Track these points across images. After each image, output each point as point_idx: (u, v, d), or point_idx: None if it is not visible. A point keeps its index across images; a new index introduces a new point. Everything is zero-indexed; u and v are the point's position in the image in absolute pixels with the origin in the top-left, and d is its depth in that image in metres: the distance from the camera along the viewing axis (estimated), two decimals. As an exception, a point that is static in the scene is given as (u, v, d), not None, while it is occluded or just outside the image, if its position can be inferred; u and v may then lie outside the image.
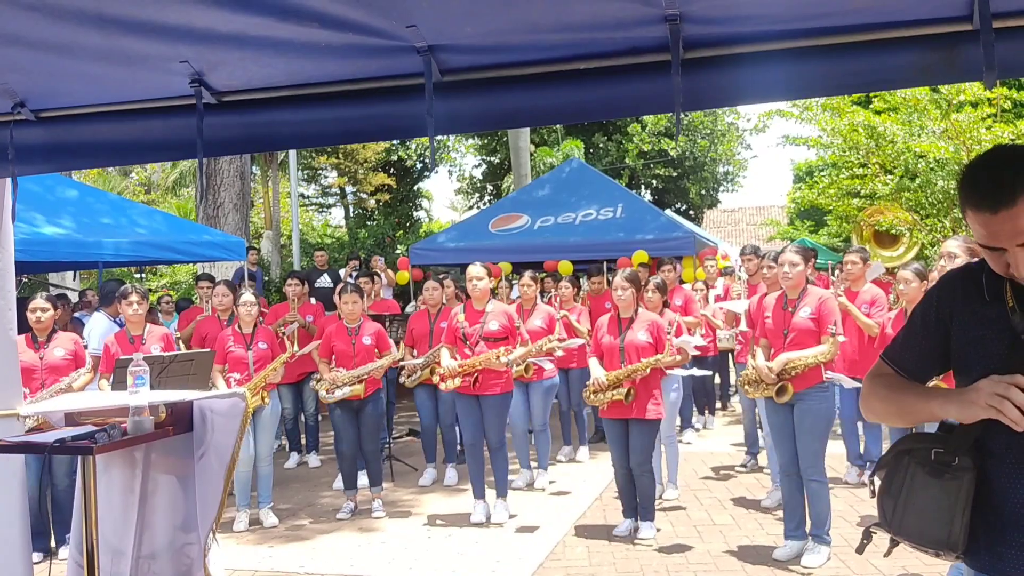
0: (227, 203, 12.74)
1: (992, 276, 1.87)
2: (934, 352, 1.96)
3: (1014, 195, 1.69)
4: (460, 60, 2.61)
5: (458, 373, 6.07)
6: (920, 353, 1.98)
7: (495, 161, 26.34)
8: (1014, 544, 1.78)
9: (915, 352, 1.99)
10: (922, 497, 1.84)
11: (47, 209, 7.99)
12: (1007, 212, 1.70)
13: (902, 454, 1.90)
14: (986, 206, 1.72)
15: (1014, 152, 1.79)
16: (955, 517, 1.81)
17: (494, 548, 5.67)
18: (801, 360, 5.00)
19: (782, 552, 5.22)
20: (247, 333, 6.41)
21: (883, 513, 1.91)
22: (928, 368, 1.99)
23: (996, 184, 1.72)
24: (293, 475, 8.12)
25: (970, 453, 1.81)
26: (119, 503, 3.38)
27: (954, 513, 1.81)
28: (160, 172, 26.93)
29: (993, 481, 1.80)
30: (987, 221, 1.73)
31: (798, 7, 2.31)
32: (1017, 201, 1.69)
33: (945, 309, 1.94)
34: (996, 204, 1.71)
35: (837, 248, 22.02)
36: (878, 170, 10.87)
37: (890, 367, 2.01)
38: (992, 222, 1.72)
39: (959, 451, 1.82)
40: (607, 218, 11.42)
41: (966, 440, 1.82)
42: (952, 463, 1.82)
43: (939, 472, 1.82)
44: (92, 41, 2.48)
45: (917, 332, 1.99)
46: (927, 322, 1.97)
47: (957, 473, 1.81)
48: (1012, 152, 1.79)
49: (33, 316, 5.72)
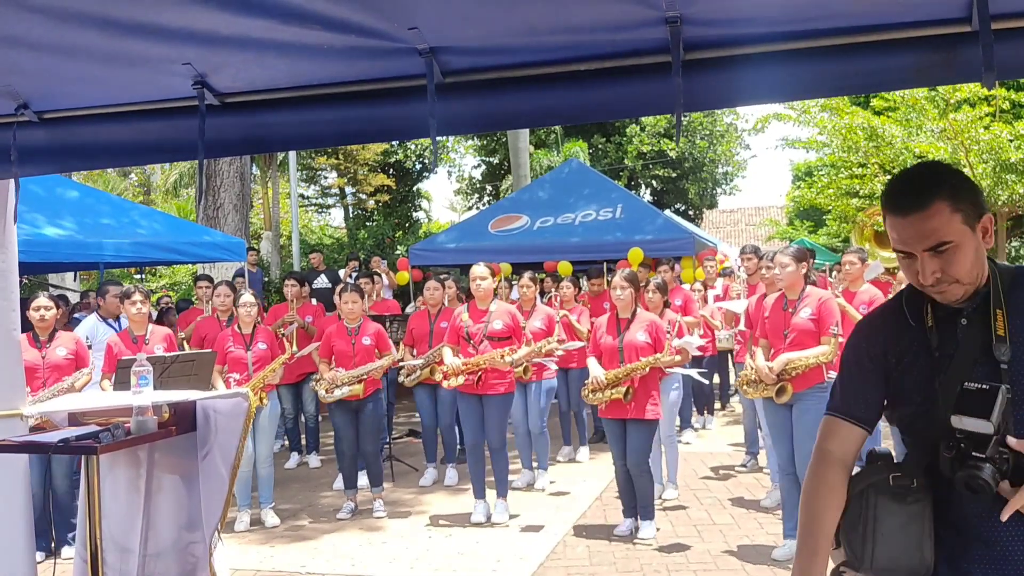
0: (227, 204, 12.74)
1: (913, 300, 1.90)
2: (878, 392, 1.93)
3: (925, 201, 1.74)
4: (461, 62, 2.63)
5: (461, 371, 6.08)
6: (864, 398, 1.95)
7: (494, 162, 26.38)
8: (979, 559, 1.79)
9: (860, 398, 1.95)
10: (889, 524, 1.82)
11: (48, 210, 8.00)
12: (916, 215, 1.74)
13: (863, 491, 1.86)
14: (899, 210, 1.78)
15: (934, 167, 1.85)
16: (924, 540, 1.81)
17: (495, 548, 5.69)
18: (802, 361, 5.01)
19: (781, 552, 5.24)
20: (246, 334, 6.42)
21: (851, 551, 1.86)
22: (876, 411, 1.95)
23: (910, 190, 1.77)
24: (293, 475, 8.13)
25: (925, 476, 1.82)
26: (124, 502, 3.40)
27: (923, 536, 1.81)
28: (159, 173, 26.95)
29: (950, 501, 1.80)
30: (899, 225, 1.78)
31: (797, 9, 2.32)
32: (927, 206, 1.74)
33: (877, 348, 1.93)
34: (907, 208, 1.76)
35: (836, 248, 22.05)
36: (877, 170, 10.89)
37: (843, 421, 1.94)
38: (903, 226, 1.77)
39: (915, 474, 1.83)
40: (606, 219, 11.44)
41: (919, 465, 1.84)
42: (911, 486, 1.82)
43: (901, 496, 1.82)
44: (95, 43, 2.50)
45: (856, 377, 1.96)
46: (863, 366, 1.95)
47: (918, 495, 1.81)
48: (932, 166, 1.85)
49: (37, 315, 5.73)
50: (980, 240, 1.79)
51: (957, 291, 1.80)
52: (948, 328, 1.84)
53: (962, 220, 1.75)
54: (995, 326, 1.78)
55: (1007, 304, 1.80)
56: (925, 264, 1.77)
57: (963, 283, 1.79)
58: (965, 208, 1.76)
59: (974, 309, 1.82)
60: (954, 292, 1.80)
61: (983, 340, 1.79)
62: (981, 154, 10.70)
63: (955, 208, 1.74)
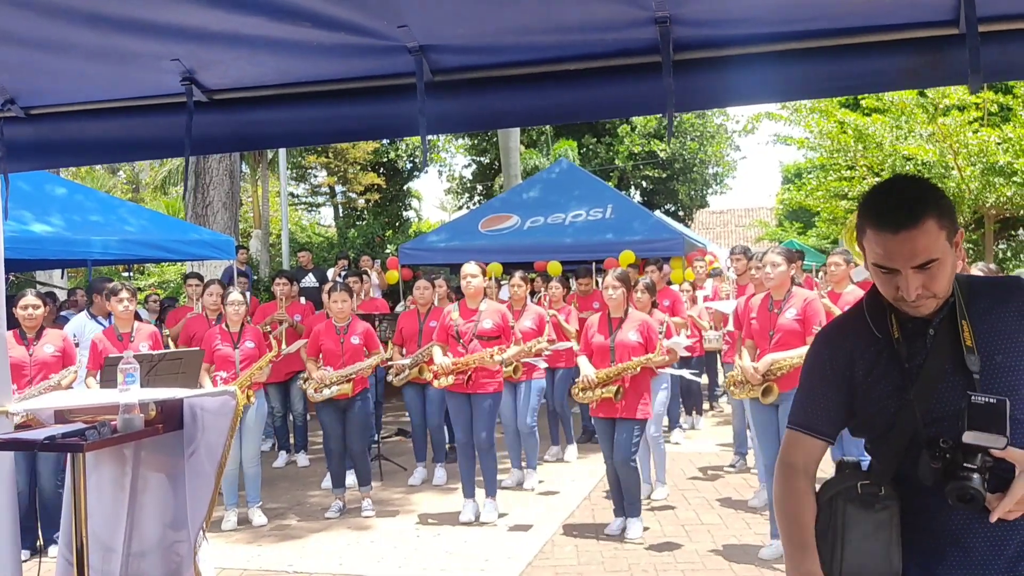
0: (216, 202, 12.70)
1: (876, 312, 1.90)
2: (841, 405, 1.93)
3: (915, 217, 1.73)
4: (451, 60, 2.63)
5: (451, 371, 6.08)
6: (828, 411, 1.95)
7: (485, 161, 26.37)
8: (954, 563, 1.80)
9: (823, 412, 1.95)
10: (856, 532, 1.83)
11: (36, 207, 7.95)
12: (907, 233, 1.73)
13: (832, 498, 1.88)
14: (888, 226, 1.75)
15: (917, 181, 1.84)
16: (891, 547, 1.82)
17: (483, 547, 5.69)
18: (787, 361, 5.03)
19: (768, 551, 5.26)
20: (234, 332, 6.40)
21: (821, 559, 1.87)
22: (840, 423, 1.95)
23: (901, 206, 1.75)
24: (281, 474, 8.11)
25: (892, 484, 1.83)
26: (109, 500, 3.38)
27: (890, 543, 1.82)
28: (148, 171, 26.83)
29: (925, 506, 1.81)
30: (887, 241, 1.76)
31: (786, 10, 2.33)
32: (918, 224, 1.73)
33: (840, 359, 1.92)
34: (898, 225, 1.74)
35: (825, 250, 22.11)
36: (866, 172, 10.94)
37: (806, 436, 1.96)
38: (892, 242, 1.75)
39: (883, 482, 1.84)
40: (597, 219, 11.45)
41: (887, 473, 1.84)
42: (879, 493, 1.83)
43: (869, 503, 1.83)
44: (83, 39, 2.49)
45: (818, 390, 1.96)
46: (826, 377, 1.94)
47: (886, 503, 1.82)
48: (915, 180, 1.84)
49: (25, 312, 5.70)
50: (955, 254, 1.81)
51: (932, 305, 1.81)
52: (916, 340, 1.84)
53: (946, 237, 1.76)
54: (963, 337, 1.79)
55: (970, 315, 1.81)
56: (910, 280, 1.76)
57: (939, 297, 1.80)
58: (948, 225, 1.76)
59: (940, 320, 1.83)
60: (929, 306, 1.81)
61: (952, 351, 1.80)
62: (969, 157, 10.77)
63: (941, 225, 1.75)
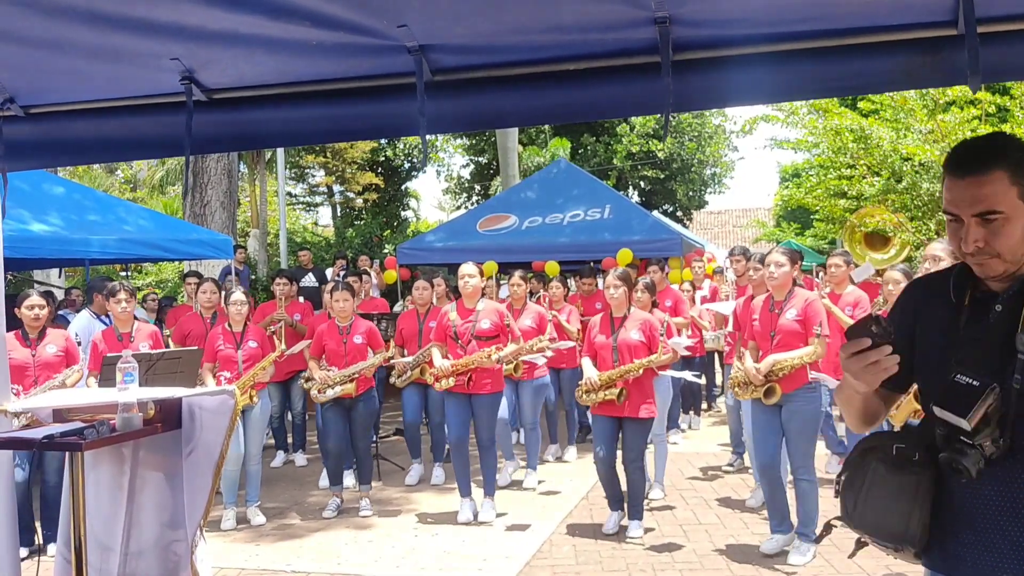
0: (214, 201, 12.70)
1: (961, 277, 1.88)
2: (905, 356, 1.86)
3: (985, 165, 1.72)
4: (451, 60, 2.63)
5: (451, 373, 6.08)
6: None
7: (483, 161, 26.35)
8: (969, 544, 1.80)
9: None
10: (881, 491, 1.84)
11: (34, 206, 7.95)
12: (972, 178, 1.73)
13: (866, 452, 1.90)
14: (957, 170, 1.76)
15: (1003, 138, 1.81)
16: (913, 512, 1.81)
17: (481, 546, 5.69)
18: (788, 361, 5.03)
19: (768, 545, 5.28)
20: (237, 332, 6.40)
21: (844, 507, 1.91)
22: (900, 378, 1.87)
23: (973, 153, 1.76)
24: (280, 474, 8.10)
25: (931, 451, 1.81)
26: (107, 499, 3.38)
27: (912, 508, 1.81)
28: (146, 170, 26.80)
29: (953, 483, 1.80)
30: (954, 186, 1.76)
31: (786, 11, 2.34)
32: (986, 172, 1.72)
33: (909, 314, 1.95)
34: (966, 170, 1.74)
35: (823, 250, 22.13)
36: (865, 171, 10.93)
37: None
38: (957, 187, 1.75)
39: (920, 448, 1.83)
40: (595, 219, 11.45)
41: (924, 439, 1.83)
42: (913, 458, 1.83)
43: (900, 467, 1.83)
44: (83, 38, 2.49)
45: None
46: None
47: (917, 469, 1.82)
48: (1001, 137, 1.82)
49: (31, 313, 5.70)
50: None
51: (997, 266, 1.77)
52: (980, 311, 1.82)
53: (1018, 195, 1.72)
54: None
55: None
56: (970, 231, 1.74)
57: (1004, 259, 1.75)
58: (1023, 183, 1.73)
59: (1010, 296, 1.79)
60: (993, 267, 1.77)
61: (1009, 328, 1.75)
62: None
63: (1014, 180, 1.72)
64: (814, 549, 5.13)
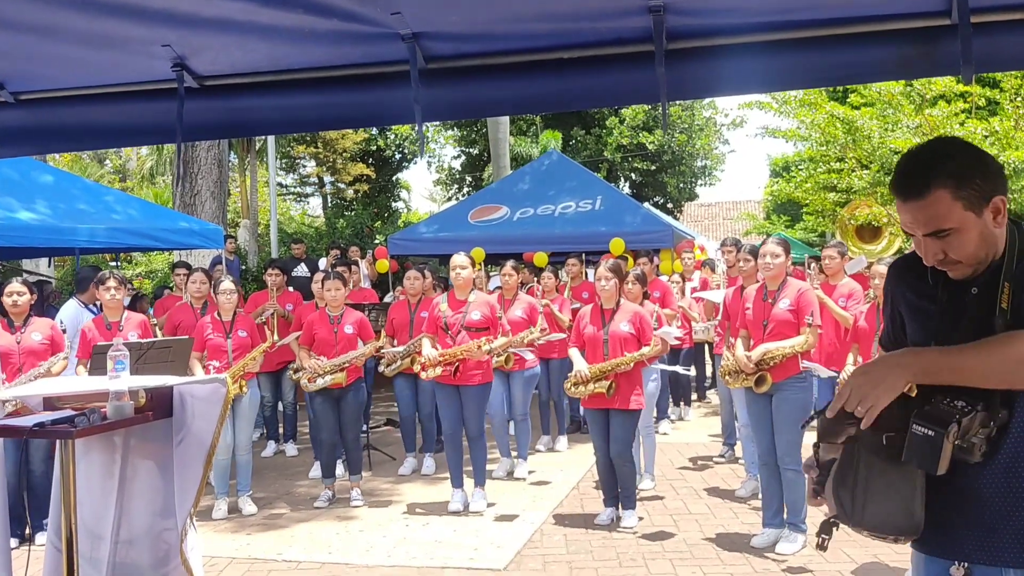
0: (204, 191, 12.64)
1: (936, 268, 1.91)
2: (900, 337, 2.04)
3: (924, 187, 1.75)
4: (444, 48, 2.62)
5: (439, 362, 6.07)
6: (893, 340, 2.08)
7: (474, 152, 26.31)
8: (970, 526, 1.80)
9: (890, 339, 2.10)
10: (881, 484, 1.82)
11: (22, 194, 7.89)
12: (915, 203, 1.77)
13: (848, 442, 1.86)
14: (899, 194, 1.80)
15: (932, 148, 1.84)
16: (915, 501, 1.82)
17: (472, 536, 5.70)
18: (780, 350, 5.06)
19: (760, 539, 5.29)
20: (226, 321, 6.38)
21: (840, 506, 1.87)
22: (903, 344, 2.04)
23: (909, 173, 1.79)
24: (270, 464, 8.10)
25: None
26: (98, 488, 3.37)
27: (915, 497, 1.81)
28: (135, 160, 26.68)
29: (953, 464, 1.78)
30: (901, 208, 1.81)
31: (780, 0, 2.34)
32: (924, 194, 1.75)
33: (890, 294, 2.05)
34: (907, 193, 1.78)
35: (813, 243, 22.22)
36: (855, 164, 10.97)
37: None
38: (903, 209, 1.80)
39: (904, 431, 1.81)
40: (586, 210, 11.46)
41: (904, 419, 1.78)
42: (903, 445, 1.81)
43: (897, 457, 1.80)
44: (74, 24, 2.47)
45: (887, 321, 2.12)
46: (885, 311, 2.11)
47: None
48: (931, 148, 1.84)
49: (9, 300, 5.67)
50: (989, 221, 1.77)
51: (963, 270, 1.82)
52: (958, 295, 1.85)
53: (964, 207, 1.74)
54: (1000, 298, 1.77)
55: (1016, 277, 1.77)
56: (927, 246, 1.79)
57: (967, 264, 1.80)
58: (968, 194, 1.74)
59: (984, 281, 1.81)
60: (960, 271, 1.82)
61: (987, 311, 1.78)
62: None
63: (956, 195, 1.73)
64: (803, 539, 5.16)
